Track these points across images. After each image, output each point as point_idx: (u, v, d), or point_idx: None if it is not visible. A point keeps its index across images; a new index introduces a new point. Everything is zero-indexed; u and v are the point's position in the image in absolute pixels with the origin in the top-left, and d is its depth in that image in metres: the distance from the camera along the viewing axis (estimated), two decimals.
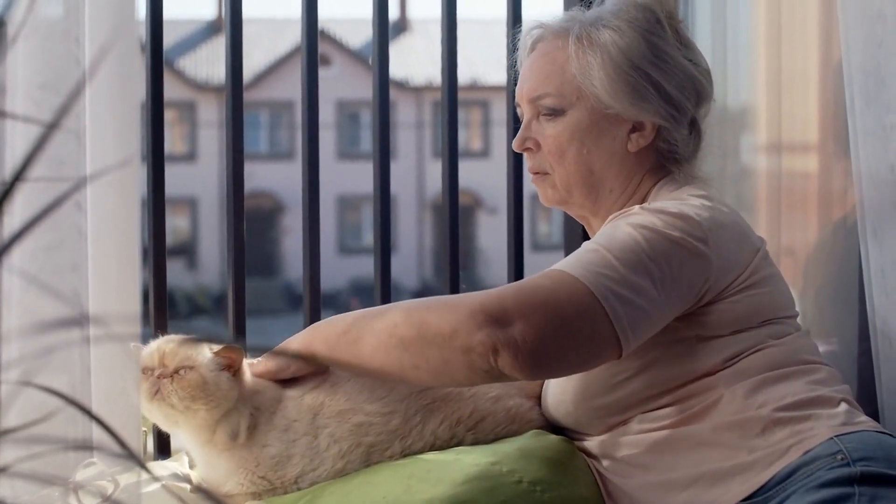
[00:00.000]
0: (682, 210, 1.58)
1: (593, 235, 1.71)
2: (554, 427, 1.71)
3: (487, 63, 22.70)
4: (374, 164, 2.10)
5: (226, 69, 1.96)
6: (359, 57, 23.43)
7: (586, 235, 1.78)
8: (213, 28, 24.73)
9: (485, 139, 24.53)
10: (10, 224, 1.34)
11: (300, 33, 2.04)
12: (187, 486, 1.62)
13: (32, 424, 0.93)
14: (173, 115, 22.58)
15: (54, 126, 0.86)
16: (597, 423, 1.65)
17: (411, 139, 23.60)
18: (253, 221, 16.46)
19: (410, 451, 1.62)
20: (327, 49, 22.82)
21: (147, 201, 1.86)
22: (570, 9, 1.91)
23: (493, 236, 21.56)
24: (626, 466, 1.62)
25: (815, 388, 1.58)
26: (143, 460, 1.56)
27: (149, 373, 1.57)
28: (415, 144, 23.71)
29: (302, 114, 2.04)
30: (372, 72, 2.11)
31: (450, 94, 2.17)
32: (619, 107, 1.66)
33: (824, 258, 2.34)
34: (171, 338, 1.61)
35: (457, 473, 1.53)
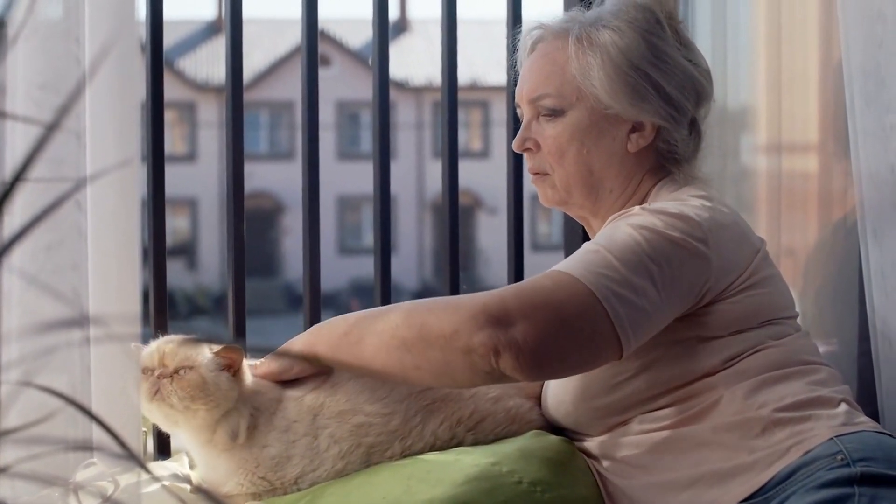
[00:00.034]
0: (682, 211, 1.58)
1: (593, 236, 1.71)
2: (554, 427, 1.71)
3: (487, 63, 22.71)
4: (374, 165, 2.09)
5: (226, 69, 1.96)
6: (359, 57, 23.43)
7: (586, 236, 1.78)
8: (213, 28, 24.73)
9: (485, 139, 24.52)
10: (10, 224, 1.34)
11: (300, 33, 2.03)
12: (187, 486, 1.62)
13: (33, 425, 0.93)
14: (173, 115, 22.59)
15: (54, 126, 0.86)
16: (597, 424, 1.65)
17: (411, 139, 23.59)
18: (253, 222, 16.44)
19: (410, 452, 1.62)
20: (327, 49, 22.82)
21: (147, 201, 1.86)
22: (570, 9, 1.91)
23: (493, 236, 21.56)
24: (626, 467, 1.62)
25: (815, 389, 1.58)
26: (143, 461, 1.56)
27: (149, 373, 1.57)
28: (415, 145, 23.70)
29: (302, 114, 2.03)
30: (372, 72, 2.10)
31: (450, 94, 2.17)
32: (619, 107, 1.66)
33: (824, 259, 2.34)
34: (171, 338, 1.61)
35: (457, 474, 1.53)
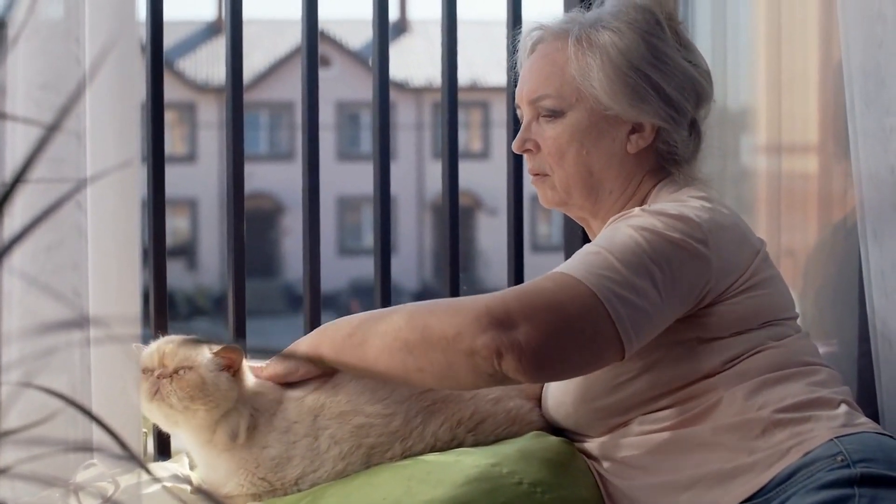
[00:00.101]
0: (682, 212, 1.58)
1: (593, 237, 1.71)
2: (554, 428, 1.71)
3: (487, 64, 22.71)
4: (374, 165, 2.09)
5: (226, 70, 1.96)
6: (359, 58, 23.43)
7: (586, 237, 1.78)
8: (213, 29, 24.73)
9: (485, 140, 24.52)
10: (10, 225, 1.34)
11: (300, 34, 2.03)
12: (188, 487, 1.62)
13: (33, 426, 0.93)
14: (173, 115, 22.59)
15: (55, 127, 0.86)
16: (597, 425, 1.65)
17: (411, 140, 23.59)
18: (253, 222, 16.42)
19: (411, 453, 1.62)
20: (327, 50, 22.82)
21: (147, 202, 1.86)
22: (570, 10, 1.91)
23: (493, 237, 21.55)
24: (626, 468, 1.61)
25: (816, 390, 1.58)
26: (143, 461, 1.56)
27: (148, 373, 1.57)
28: (415, 145, 23.70)
29: (302, 114, 2.03)
30: (372, 73, 2.10)
31: (450, 95, 2.17)
32: (619, 108, 1.66)
33: (824, 259, 2.34)
34: (171, 338, 1.61)
35: (457, 475, 1.53)
